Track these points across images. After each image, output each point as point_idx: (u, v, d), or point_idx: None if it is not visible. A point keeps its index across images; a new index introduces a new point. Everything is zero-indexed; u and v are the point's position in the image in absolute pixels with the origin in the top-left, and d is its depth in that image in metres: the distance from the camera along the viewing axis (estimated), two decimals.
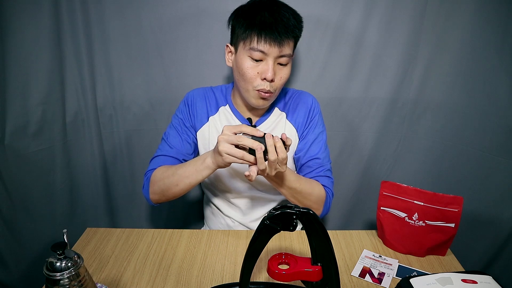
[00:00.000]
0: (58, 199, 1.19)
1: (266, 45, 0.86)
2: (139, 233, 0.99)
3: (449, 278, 0.73)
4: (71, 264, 0.62)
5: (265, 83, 0.90)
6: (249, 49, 0.88)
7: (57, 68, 1.09)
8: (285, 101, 1.06)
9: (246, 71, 0.90)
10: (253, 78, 0.91)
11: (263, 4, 0.89)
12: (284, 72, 0.92)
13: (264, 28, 0.85)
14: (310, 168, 1.03)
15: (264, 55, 0.88)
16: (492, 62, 1.07)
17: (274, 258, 0.69)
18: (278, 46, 0.87)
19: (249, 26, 0.87)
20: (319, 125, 1.05)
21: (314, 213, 0.63)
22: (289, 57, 0.91)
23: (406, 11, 1.12)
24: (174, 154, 1.00)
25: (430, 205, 0.88)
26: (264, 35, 0.86)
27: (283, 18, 0.86)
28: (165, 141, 1.03)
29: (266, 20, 0.86)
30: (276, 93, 0.95)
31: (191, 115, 1.04)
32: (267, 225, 0.63)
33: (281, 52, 0.88)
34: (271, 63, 0.89)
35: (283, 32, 0.86)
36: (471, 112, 1.15)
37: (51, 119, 1.11)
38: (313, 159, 1.03)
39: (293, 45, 0.92)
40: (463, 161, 1.20)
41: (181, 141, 1.03)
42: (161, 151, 1.02)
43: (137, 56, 1.19)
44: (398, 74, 1.21)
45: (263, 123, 1.03)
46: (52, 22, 1.04)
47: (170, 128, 1.05)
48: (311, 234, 0.66)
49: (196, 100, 1.05)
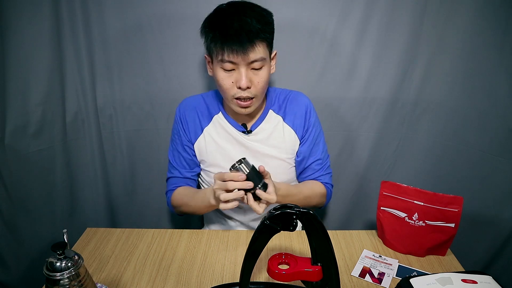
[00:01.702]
0: (58, 199, 1.19)
1: (233, 56, 0.85)
2: (139, 233, 0.99)
3: (449, 278, 0.73)
4: (71, 264, 0.62)
5: (242, 91, 0.90)
6: (220, 61, 0.88)
7: (57, 68, 1.09)
8: (279, 103, 1.05)
9: (221, 82, 0.91)
10: (229, 88, 0.91)
11: (226, 13, 0.87)
12: (260, 76, 0.91)
13: (226, 40, 0.84)
14: (313, 170, 1.07)
15: (234, 64, 0.87)
16: (492, 62, 1.07)
17: (274, 258, 0.69)
18: (245, 54, 0.85)
19: (213, 39, 0.87)
20: (316, 125, 1.06)
21: (314, 213, 0.63)
22: (262, 60, 0.89)
23: (406, 11, 1.12)
24: (181, 175, 1.07)
25: (430, 205, 0.88)
26: (227, 46, 0.84)
27: (245, 25, 0.84)
28: (171, 162, 1.09)
29: (228, 31, 0.84)
30: (259, 97, 0.94)
31: (185, 130, 1.06)
32: (267, 225, 0.64)
33: (250, 59, 0.86)
34: (243, 71, 0.88)
35: (246, 41, 0.84)
36: (471, 112, 1.15)
37: (51, 119, 1.11)
38: (316, 161, 1.06)
39: (265, 46, 0.89)
40: (463, 161, 1.20)
41: (184, 160, 1.07)
42: (171, 173, 1.09)
43: (137, 56, 1.19)
44: (398, 74, 1.21)
45: (258, 127, 1.03)
46: (52, 22, 1.04)
47: (171, 146, 1.10)
48: (311, 234, 0.66)
49: (187, 114, 1.05)
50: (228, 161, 1.03)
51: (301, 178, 1.09)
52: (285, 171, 1.06)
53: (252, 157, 1.03)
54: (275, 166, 1.04)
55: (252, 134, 1.02)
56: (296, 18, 1.14)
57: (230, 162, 1.03)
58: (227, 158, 1.03)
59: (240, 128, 1.02)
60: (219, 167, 1.04)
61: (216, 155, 1.04)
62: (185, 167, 1.07)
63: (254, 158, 1.03)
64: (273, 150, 1.03)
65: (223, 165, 1.04)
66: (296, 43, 1.17)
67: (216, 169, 1.04)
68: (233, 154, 1.03)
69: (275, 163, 1.04)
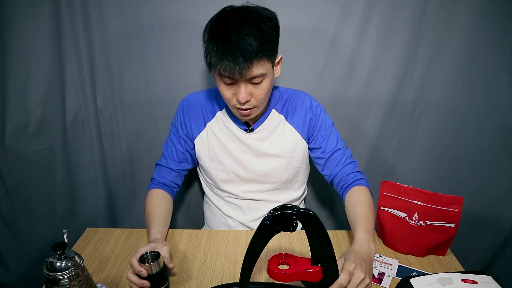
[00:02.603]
0: (58, 199, 1.19)
1: (231, 73, 0.83)
2: (139, 233, 0.99)
3: (449, 278, 0.73)
4: (71, 264, 0.62)
5: (241, 103, 0.90)
6: (218, 75, 0.86)
7: (57, 68, 1.09)
8: (282, 102, 1.05)
9: (222, 92, 0.90)
10: (230, 99, 0.91)
11: (225, 25, 0.82)
12: (261, 89, 0.88)
13: (222, 59, 0.81)
14: (336, 160, 1.03)
15: (232, 79, 0.86)
16: (492, 62, 1.07)
17: (274, 258, 0.69)
18: (242, 74, 0.83)
19: (211, 53, 0.83)
20: (326, 119, 1.05)
21: (314, 213, 0.63)
22: (262, 76, 0.86)
23: (406, 11, 1.12)
24: (170, 165, 1.06)
25: (430, 205, 0.88)
26: (225, 66, 0.81)
27: (241, 44, 0.79)
28: (163, 151, 1.09)
29: (225, 50, 0.80)
30: (260, 106, 0.94)
31: (186, 124, 1.05)
32: (267, 225, 0.63)
33: (248, 76, 0.84)
34: (242, 85, 0.86)
35: (242, 61, 0.80)
36: (471, 112, 1.15)
37: (51, 119, 1.11)
38: (335, 151, 1.03)
39: (265, 61, 0.85)
40: (463, 161, 1.20)
41: (176, 152, 1.06)
42: (161, 161, 1.09)
43: (137, 56, 1.19)
44: (398, 74, 1.21)
45: (260, 126, 1.03)
46: (52, 22, 1.04)
47: (168, 137, 1.09)
48: (311, 234, 0.66)
49: (191, 108, 1.05)
50: (228, 157, 1.04)
51: (328, 173, 1.05)
52: (285, 170, 1.06)
53: (252, 155, 1.04)
54: (275, 164, 1.04)
55: (254, 133, 1.03)
56: (296, 18, 1.14)
57: (230, 159, 1.04)
58: (227, 155, 1.04)
59: (242, 126, 1.03)
60: (220, 163, 1.04)
61: (217, 151, 1.04)
62: (174, 158, 1.07)
63: (254, 156, 1.04)
64: (274, 149, 1.03)
65: (223, 161, 1.04)
66: (296, 43, 1.17)
67: (217, 165, 1.05)
68: (233, 151, 1.03)
69: (275, 162, 1.04)
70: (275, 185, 1.08)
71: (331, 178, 1.05)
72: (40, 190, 1.13)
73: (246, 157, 1.04)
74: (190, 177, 1.38)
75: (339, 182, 1.03)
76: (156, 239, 0.88)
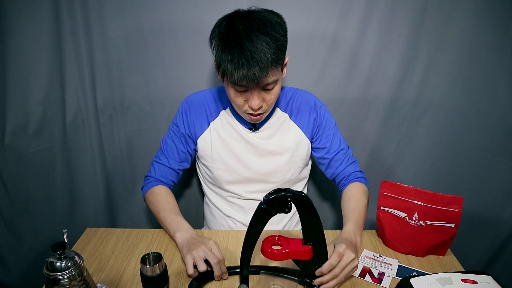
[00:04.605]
0: (58, 199, 1.19)
1: (245, 81, 0.82)
2: (139, 233, 0.99)
3: (449, 278, 0.73)
4: (71, 264, 0.62)
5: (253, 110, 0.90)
6: (231, 82, 0.86)
7: (57, 68, 1.09)
8: (286, 100, 1.06)
9: (233, 99, 0.90)
10: (241, 106, 0.91)
11: (235, 36, 0.80)
12: (272, 94, 0.90)
13: (238, 68, 0.80)
14: (339, 161, 1.06)
15: (246, 87, 0.86)
16: (492, 62, 1.07)
17: (268, 239, 0.74)
18: (257, 83, 0.83)
19: (226, 64, 0.82)
20: (330, 119, 1.07)
21: (306, 195, 0.67)
22: (274, 82, 0.87)
23: (406, 11, 1.12)
24: (169, 164, 1.05)
25: (430, 205, 0.88)
26: (241, 76, 0.81)
27: (256, 56, 0.79)
28: (162, 149, 1.07)
29: (241, 60, 0.80)
30: (270, 108, 0.95)
31: (189, 123, 1.05)
32: (264, 209, 0.68)
33: (263, 83, 0.84)
34: (255, 93, 0.87)
35: (258, 71, 0.80)
36: (471, 112, 1.15)
37: (51, 119, 1.11)
38: (339, 152, 1.05)
39: (278, 69, 0.86)
40: (463, 161, 1.20)
41: (176, 151, 1.06)
42: (159, 158, 1.07)
43: (137, 56, 1.19)
44: (398, 74, 1.21)
45: (265, 124, 1.03)
46: (52, 22, 1.05)
47: (167, 134, 1.08)
48: (303, 215, 0.70)
49: (194, 107, 1.05)
50: (231, 157, 1.04)
51: (331, 172, 1.08)
52: (288, 168, 1.06)
53: (256, 154, 1.04)
54: (278, 163, 1.04)
55: (259, 131, 1.03)
56: (296, 18, 1.14)
57: (233, 158, 1.03)
58: (231, 154, 1.04)
59: (246, 125, 1.03)
60: (223, 162, 1.04)
61: (220, 151, 1.04)
62: (175, 157, 1.06)
63: (258, 155, 1.04)
64: (277, 147, 1.03)
65: (227, 161, 1.04)
66: (296, 43, 1.17)
67: (220, 164, 1.05)
68: (237, 151, 1.03)
69: (279, 160, 1.04)
70: (277, 185, 1.07)
71: (333, 176, 1.09)
72: (40, 190, 1.13)
73: (249, 156, 1.04)
74: (190, 177, 1.38)
75: (340, 180, 1.06)
76: (193, 232, 0.91)
